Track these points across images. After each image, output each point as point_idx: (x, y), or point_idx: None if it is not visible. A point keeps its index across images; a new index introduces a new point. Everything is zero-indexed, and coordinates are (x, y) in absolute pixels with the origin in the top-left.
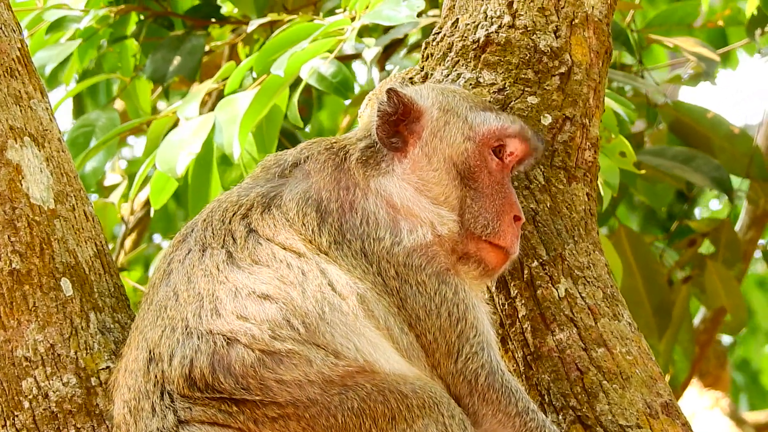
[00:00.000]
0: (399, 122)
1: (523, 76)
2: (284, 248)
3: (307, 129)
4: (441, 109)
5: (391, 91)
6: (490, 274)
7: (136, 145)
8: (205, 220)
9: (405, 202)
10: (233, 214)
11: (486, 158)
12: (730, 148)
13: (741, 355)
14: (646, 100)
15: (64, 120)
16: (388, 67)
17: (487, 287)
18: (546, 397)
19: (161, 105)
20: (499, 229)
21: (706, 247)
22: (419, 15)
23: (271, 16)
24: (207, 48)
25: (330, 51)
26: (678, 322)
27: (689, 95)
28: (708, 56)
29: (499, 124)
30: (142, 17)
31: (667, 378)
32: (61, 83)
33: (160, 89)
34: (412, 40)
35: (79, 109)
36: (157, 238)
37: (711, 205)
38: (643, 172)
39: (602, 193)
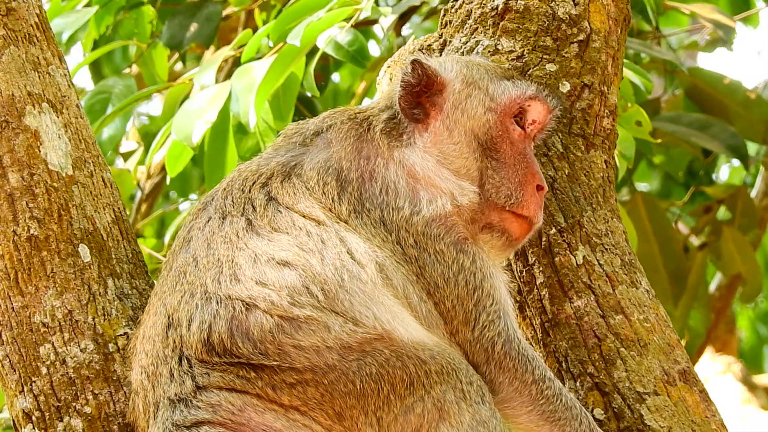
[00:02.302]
0: (421, 94)
1: (541, 43)
2: (304, 216)
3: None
4: (464, 81)
5: (415, 62)
6: (514, 244)
7: (155, 106)
8: (225, 189)
9: (427, 172)
10: (253, 183)
11: (508, 128)
12: (746, 114)
13: (765, 309)
14: (662, 67)
15: (82, 85)
16: (405, 33)
17: None
18: (563, 364)
19: (179, 66)
20: (522, 199)
21: (722, 214)
22: None
23: None
24: (224, 14)
25: (347, 20)
26: (693, 288)
27: (708, 60)
28: (725, 23)
29: (518, 91)
30: None
31: (683, 344)
32: (77, 43)
33: (176, 55)
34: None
35: (97, 76)
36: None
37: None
38: (659, 141)
39: (618, 164)
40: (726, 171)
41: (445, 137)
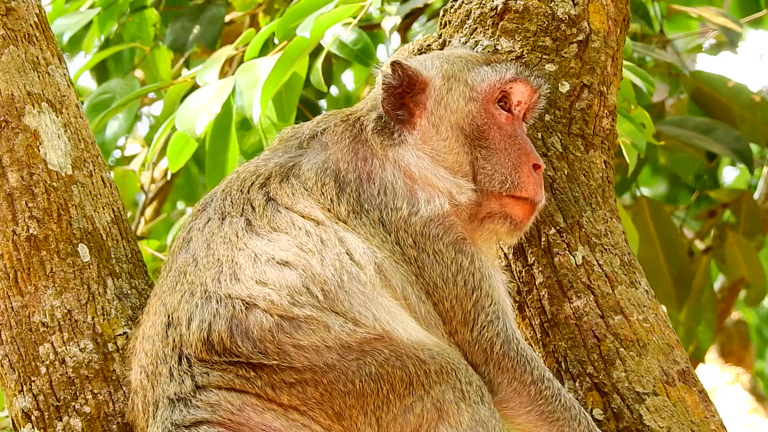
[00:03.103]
0: (405, 94)
1: (540, 43)
2: (303, 216)
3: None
4: (443, 77)
5: (395, 64)
6: (520, 227)
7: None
8: (224, 191)
9: (423, 172)
10: (252, 184)
11: (493, 114)
12: (751, 117)
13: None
14: (667, 70)
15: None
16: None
17: (504, 255)
18: (563, 364)
19: (184, 72)
20: (519, 181)
21: (726, 218)
22: None
23: None
24: (228, 18)
25: (353, 17)
26: (698, 292)
27: (715, 63)
28: (731, 26)
29: (497, 76)
30: None
31: (691, 350)
32: (81, 50)
33: (181, 60)
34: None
35: (101, 78)
36: (179, 205)
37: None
38: (662, 143)
39: (627, 157)
40: (732, 174)
41: (433, 134)
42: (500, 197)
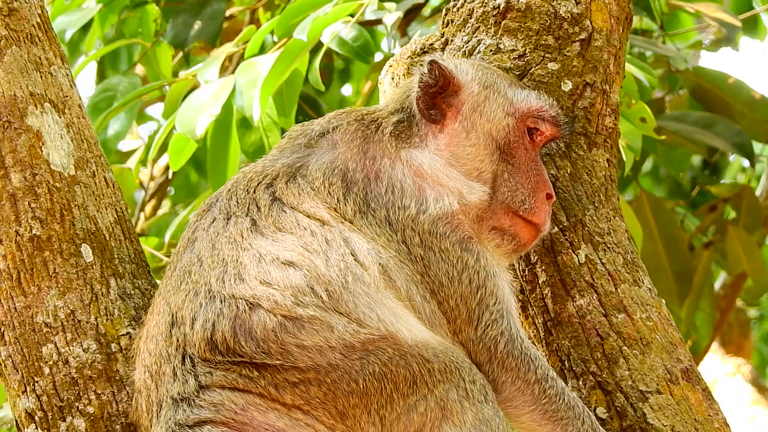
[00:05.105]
0: (437, 94)
1: (543, 42)
2: (308, 216)
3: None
4: (481, 84)
5: (433, 63)
6: (520, 250)
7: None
8: (229, 190)
9: (435, 171)
10: (258, 184)
11: (523, 135)
12: (750, 113)
13: (767, 329)
14: (667, 66)
15: (86, 87)
16: (409, 32)
17: None
18: (566, 362)
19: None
20: (534, 205)
21: (727, 213)
22: None
23: None
24: (228, 13)
25: (352, 15)
26: (699, 287)
27: (715, 61)
28: (729, 22)
29: (540, 104)
30: None
31: (689, 344)
32: (82, 54)
33: (180, 54)
34: (434, 2)
35: (101, 76)
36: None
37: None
38: (663, 137)
39: (624, 157)
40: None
41: (462, 139)
42: (514, 216)
